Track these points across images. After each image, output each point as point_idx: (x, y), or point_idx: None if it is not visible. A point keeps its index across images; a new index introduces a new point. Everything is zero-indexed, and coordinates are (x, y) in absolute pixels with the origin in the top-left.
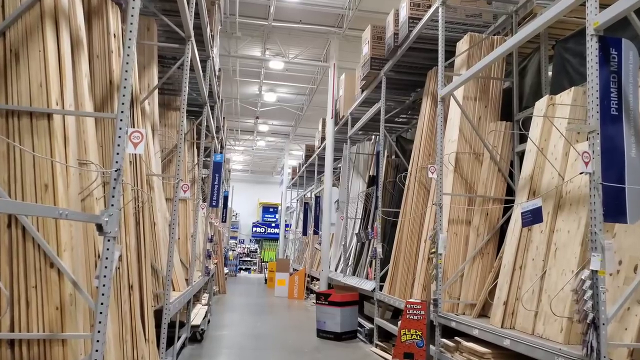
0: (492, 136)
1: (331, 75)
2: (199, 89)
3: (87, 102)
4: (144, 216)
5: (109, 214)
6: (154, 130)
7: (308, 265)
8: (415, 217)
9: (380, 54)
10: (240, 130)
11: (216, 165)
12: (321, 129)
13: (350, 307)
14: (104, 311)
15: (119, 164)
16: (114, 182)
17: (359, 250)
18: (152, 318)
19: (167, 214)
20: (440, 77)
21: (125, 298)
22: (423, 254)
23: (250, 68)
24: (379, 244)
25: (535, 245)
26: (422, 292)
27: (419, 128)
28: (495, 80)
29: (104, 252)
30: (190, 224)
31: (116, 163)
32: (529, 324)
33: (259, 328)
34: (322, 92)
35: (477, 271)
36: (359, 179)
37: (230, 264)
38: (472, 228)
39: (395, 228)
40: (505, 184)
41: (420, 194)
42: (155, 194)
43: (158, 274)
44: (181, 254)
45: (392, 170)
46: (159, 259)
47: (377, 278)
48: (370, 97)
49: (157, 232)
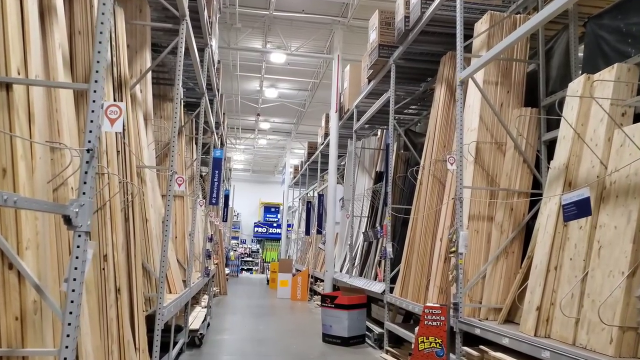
0: (517, 124)
1: (335, 68)
2: (196, 78)
3: (62, 78)
4: (134, 211)
5: (79, 204)
6: (147, 120)
7: (311, 265)
8: (430, 213)
9: (389, 40)
10: (241, 128)
11: (216, 161)
12: (324, 124)
13: (358, 310)
14: (73, 322)
15: (92, 143)
16: (86, 166)
17: (365, 250)
18: (143, 324)
19: (162, 211)
20: (459, 58)
21: (111, 303)
22: (439, 254)
23: (251, 62)
24: (389, 243)
25: (574, 243)
26: (439, 295)
27: (432, 118)
28: (518, 64)
29: (73, 250)
30: (188, 222)
31: (88, 142)
32: (569, 333)
33: (261, 332)
34: (324, 87)
35: (501, 272)
36: (365, 176)
37: (231, 265)
38: (495, 225)
39: (406, 226)
40: (531, 176)
41: (434, 189)
42: (148, 187)
43: (151, 276)
44: (178, 254)
45: (403, 164)
46: (152, 259)
47: (388, 279)
48: (378, 89)
49: (150, 230)
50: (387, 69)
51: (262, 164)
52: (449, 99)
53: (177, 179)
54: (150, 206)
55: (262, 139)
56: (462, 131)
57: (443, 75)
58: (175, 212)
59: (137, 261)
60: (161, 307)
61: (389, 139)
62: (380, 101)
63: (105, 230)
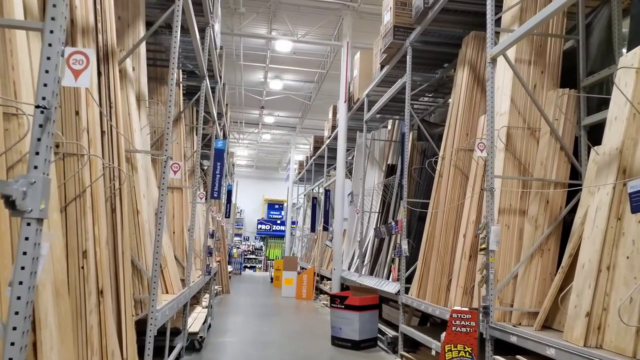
0: (553, 106)
1: (344, 55)
2: (196, 60)
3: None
4: (123, 202)
5: (27, 182)
6: (140, 102)
7: (317, 263)
8: (451, 208)
9: (404, 21)
10: (245, 122)
11: (217, 153)
12: (331, 116)
13: (370, 312)
14: (18, 340)
15: (47, 100)
16: (39, 131)
17: (376, 247)
18: (132, 330)
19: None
20: (489, 31)
21: (92, 307)
22: (462, 251)
23: (255, 51)
24: (404, 240)
25: (631, 239)
26: (463, 297)
27: (453, 104)
28: (553, 42)
29: (20, 244)
30: (188, 216)
31: (42, 99)
32: (627, 344)
33: (265, 333)
34: (331, 78)
35: (535, 272)
36: (374, 170)
37: (234, 262)
38: (528, 219)
39: (422, 221)
40: (568, 164)
41: (456, 181)
42: (140, 175)
43: (142, 275)
44: (177, 251)
45: (419, 155)
46: (144, 256)
47: (403, 279)
48: (391, 75)
49: (142, 223)
50: (403, 52)
51: (265, 159)
52: (472, 83)
53: (172, 165)
54: (142, 196)
55: (265, 134)
56: (492, 114)
57: (465, 57)
58: (174, 206)
59: (126, 258)
60: (154, 310)
61: (404, 128)
62: (394, 88)
63: (85, 222)
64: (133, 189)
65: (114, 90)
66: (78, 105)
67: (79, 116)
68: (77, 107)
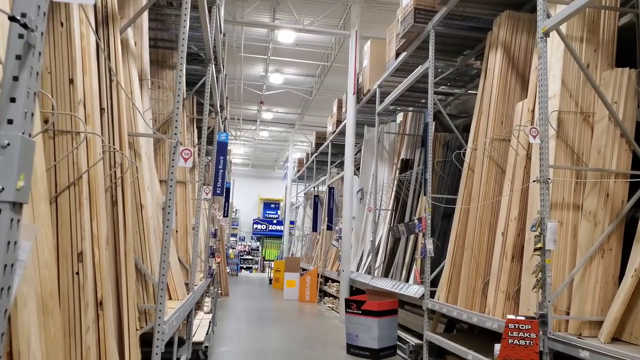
0: (609, 89)
1: (353, 45)
2: (197, 41)
3: None
4: (125, 193)
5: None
6: (143, 82)
7: (320, 264)
8: (485, 204)
9: (426, 3)
10: (242, 118)
11: (221, 146)
12: (336, 110)
13: (389, 318)
14: None
15: (30, 17)
16: (16, 65)
17: (391, 247)
18: (136, 348)
19: (161, 198)
20: (540, 2)
21: (89, 324)
22: (502, 251)
23: (257, 42)
24: (429, 239)
25: None
26: (506, 303)
27: (484, 90)
28: (608, 16)
29: None
30: (191, 214)
31: (23, 16)
32: None
33: (273, 341)
34: (335, 72)
35: (595, 275)
36: (384, 166)
37: (231, 263)
38: (585, 214)
39: (447, 219)
40: (630, 152)
41: (490, 174)
42: (144, 165)
43: (147, 280)
44: (180, 252)
45: (441, 148)
46: (149, 259)
47: (428, 282)
48: (407, 64)
49: (146, 220)
50: (424, 37)
51: (262, 158)
52: (506, 66)
53: (183, 152)
54: (146, 189)
55: (263, 131)
56: (546, 94)
57: (498, 40)
58: (177, 202)
59: (129, 261)
60: (161, 322)
61: (427, 118)
62: (413, 75)
63: (81, 216)
64: (136, 179)
65: (114, 61)
66: (73, 72)
67: (74, 85)
68: (72, 74)
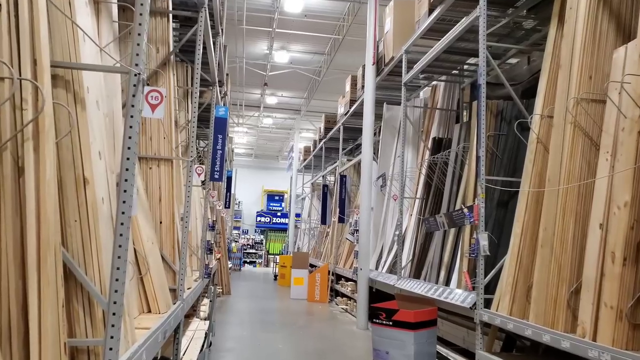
0: None
1: (371, 7)
2: None
3: None
4: (42, 155)
5: None
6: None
7: (331, 260)
8: (568, 187)
9: None
10: (245, 104)
11: (219, 122)
12: (349, 88)
13: (427, 330)
14: None
15: None
16: None
17: (421, 243)
18: None
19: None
20: None
21: None
22: (602, 250)
23: (260, 13)
24: (482, 234)
25: None
26: (617, 324)
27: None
28: None
29: None
30: (180, 199)
31: None
32: None
33: (282, 354)
34: (347, 47)
35: None
36: (409, 148)
37: (233, 257)
38: None
39: (502, 207)
40: None
41: (576, 147)
42: (91, 116)
43: (93, 302)
44: (164, 248)
45: (493, 118)
46: (97, 265)
47: (481, 288)
48: (443, 21)
49: (92, 203)
50: None
51: (265, 147)
52: (594, 7)
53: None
54: (97, 154)
55: (267, 117)
56: None
57: None
58: (160, 185)
59: (46, 270)
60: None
61: (480, 79)
62: (457, 29)
63: None
64: (77, 138)
65: None
66: None
67: None
68: None
